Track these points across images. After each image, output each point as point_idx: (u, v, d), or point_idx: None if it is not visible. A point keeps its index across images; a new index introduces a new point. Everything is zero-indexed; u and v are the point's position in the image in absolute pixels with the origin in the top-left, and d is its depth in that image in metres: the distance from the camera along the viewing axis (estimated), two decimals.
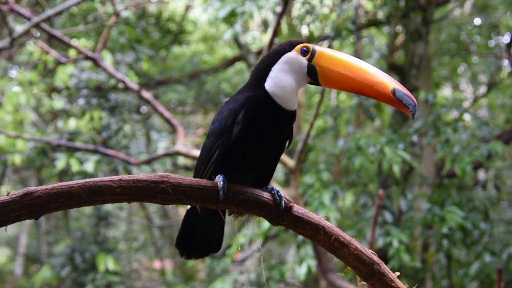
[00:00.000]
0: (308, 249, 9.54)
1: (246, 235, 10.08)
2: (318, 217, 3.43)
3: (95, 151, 10.26)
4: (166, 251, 19.38)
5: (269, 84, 3.38)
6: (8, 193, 3.03)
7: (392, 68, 11.96)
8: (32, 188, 3.04)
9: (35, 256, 20.13)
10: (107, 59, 10.77)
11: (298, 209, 3.40)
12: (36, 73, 10.93)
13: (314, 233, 3.43)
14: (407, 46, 12.14)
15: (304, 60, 3.43)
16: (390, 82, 3.37)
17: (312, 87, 14.15)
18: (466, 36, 15.35)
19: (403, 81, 11.79)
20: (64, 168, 10.84)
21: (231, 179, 3.28)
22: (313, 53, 3.45)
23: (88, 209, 16.03)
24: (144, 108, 14.33)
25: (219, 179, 3.25)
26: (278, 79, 3.38)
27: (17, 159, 11.12)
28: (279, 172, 16.81)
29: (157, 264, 19.26)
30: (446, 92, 19.75)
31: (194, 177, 3.50)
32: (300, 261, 9.63)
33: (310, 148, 11.35)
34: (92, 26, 11.28)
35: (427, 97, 10.50)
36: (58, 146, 10.70)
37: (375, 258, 3.49)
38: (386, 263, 9.68)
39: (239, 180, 3.35)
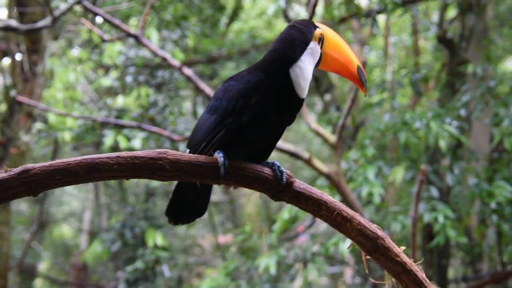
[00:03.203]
0: None
1: (290, 211, 10.09)
2: (320, 192, 3.40)
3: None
4: (222, 226, 19.50)
5: (295, 73, 3.34)
6: (6, 171, 3.01)
7: (442, 41, 11.75)
8: (30, 165, 3.03)
9: (99, 230, 20.51)
10: (153, 36, 10.85)
11: (300, 184, 3.38)
12: (85, 51, 11.08)
13: (316, 208, 3.41)
14: (462, 19, 11.89)
15: (320, 50, 3.46)
16: (356, 59, 3.48)
17: None
18: None
19: (452, 54, 11.58)
20: (113, 145, 10.97)
21: (229, 154, 3.27)
22: (323, 40, 3.48)
23: (142, 185, 16.20)
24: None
25: (219, 155, 3.23)
26: (305, 71, 3.36)
27: (67, 136, 11.29)
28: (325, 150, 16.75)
29: (221, 239, 19.40)
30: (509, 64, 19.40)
31: (189, 148, 3.54)
32: (344, 237, 9.59)
33: (356, 123, 11.27)
34: (135, 4, 11.35)
35: (475, 70, 10.31)
36: (105, 123, 10.84)
37: (380, 232, 3.44)
38: (431, 238, 9.64)
39: (236, 156, 3.34)
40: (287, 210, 10.16)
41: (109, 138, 10.67)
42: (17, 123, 12.26)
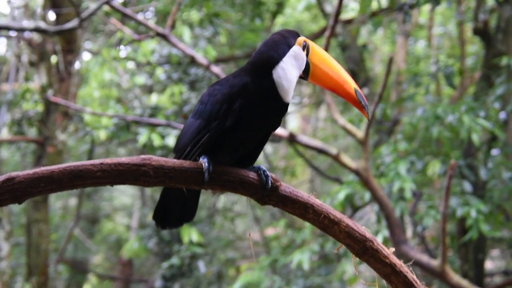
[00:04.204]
0: (383, 221, 9.48)
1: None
2: (307, 196, 3.43)
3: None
4: (266, 219, 19.47)
5: (278, 74, 3.38)
6: None
7: (478, 33, 11.55)
8: (14, 173, 3.08)
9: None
10: (185, 34, 10.91)
11: (286, 188, 3.41)
12: (118, 50, 11.21)
13: (302, 211, 3.43)
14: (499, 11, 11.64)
15: (305, 56, 3.50)
16: (352, 82, 3.51)
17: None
18: None
19: (488, 46, 11.38)
20: (147, 143, 11.04)
21: (214, 159, 3.30)
22: (308, 48, 3.52)
23: None
24: None
25: (203, 161, 3.27)
26: (288, 72, 3.40)
27: (102, 134, 11.42)
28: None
29: (269, 232, 19.37)
30: None
31: (175, 152, 3.57)
32: (375, 233, 9.60)
33: (389, 118, 11.16)
34: (163, 3, 11.44)
35: (509, 62, 10.14)
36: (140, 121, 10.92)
37: (368, 234, 3.46)
38: (464, 233, 9.53)
39: (222, 161, 3.37)
40: None
41: (143, 136, 10.75)
42: (54, 122, 12.50)
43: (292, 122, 26.62)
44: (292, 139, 9.11)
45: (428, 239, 12.47)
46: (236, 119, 3.33)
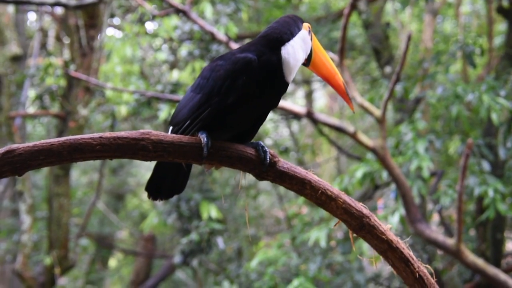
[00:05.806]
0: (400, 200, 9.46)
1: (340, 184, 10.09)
2: (304, 172, 3.46)
3: None
4: (290, 195, 19.42)
5: (287, 51, 3.44)
6: None
7: (501, 11, 11.42)
8: (14, 145, 3.11)
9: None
10: (207, 11, 10.90)
11: (283, 164, 3.44)
12: (140, 26, 11.25)
13: (300, 187, 3.46)
14: None
15: (310, 42, 3.59)
16: (340, 76, 3.65)
17: None
18: None
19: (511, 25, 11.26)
20: (167, 119, 11.05)
21: (212, 135, 3.33)
22: (311, 34, 3.61)
23: None
24: None
25: (202, 136, 3.29)
26: (296, 51, 3.47)
27: (123, 110, 11.47)
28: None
29: (304, 210, 19.29)
30: None
31: (172, 125, 3.60)
32: (392, 211, 9.60)
33: (409, 96, 11.09)
34: None
35: None
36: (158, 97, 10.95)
37: (365, 211, 3.49)
38: (481, 212, 9.49)
39: (220, 136, 3.40)
40: (336, 183, 10.17)
41: (163, 112, 10.77)
42: (76, 97, 12.60)
43: (320, 100, 26.58)
44: (309, 116, 9.12)
45: (448, 218, 12.42)
46: (238, 96, 3.35)
